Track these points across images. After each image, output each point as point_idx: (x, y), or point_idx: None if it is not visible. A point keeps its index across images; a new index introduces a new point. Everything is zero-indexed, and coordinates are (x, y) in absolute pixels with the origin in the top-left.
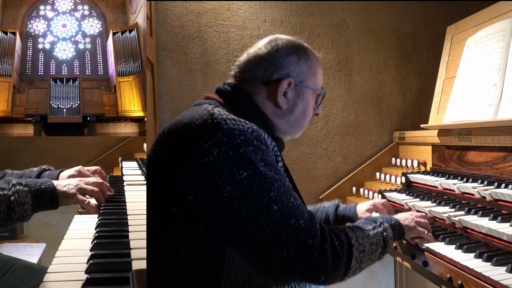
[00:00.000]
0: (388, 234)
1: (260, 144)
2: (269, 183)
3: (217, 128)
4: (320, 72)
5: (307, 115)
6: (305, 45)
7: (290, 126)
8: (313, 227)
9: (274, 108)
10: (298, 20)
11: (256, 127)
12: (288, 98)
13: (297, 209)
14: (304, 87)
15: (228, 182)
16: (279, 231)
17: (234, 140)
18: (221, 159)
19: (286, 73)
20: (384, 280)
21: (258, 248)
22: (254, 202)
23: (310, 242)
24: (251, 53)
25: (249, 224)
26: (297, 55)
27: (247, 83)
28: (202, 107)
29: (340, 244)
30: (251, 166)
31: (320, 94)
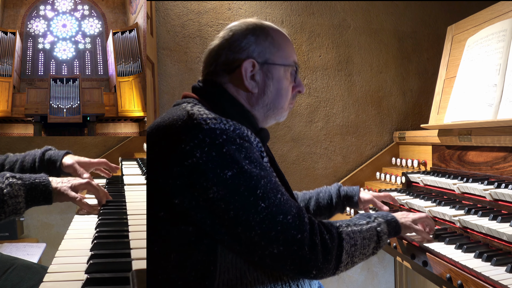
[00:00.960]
0: (383, 229)
1: (243, 141)
2: (255, 180)
3: (198, 129)
4: (288, 46)
5: (283, 94)
6: (264, 23)
7: (268, 109)
8: (302, 222)
9: (246, 95)
10: (299, 20)
11: (238, 125)
12: (257, 80)
13: (285, 205)
14: (271, 64)
15: (213, 183)
16: (267, 228)
17: (216, 140)
18: (204, 160)
19: (247, 55)
20: (384, 280)
21: (248, 246)
22: (240, 201)
23: (299, 237)
24: (211, 45)
25: (238, 223)
26: (254, 34)
27: (213, 75)
28: (181, 107)
29: (330, 238)
30: (235, 165)
31: (293, 68)
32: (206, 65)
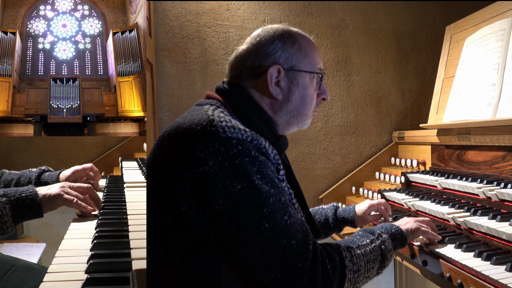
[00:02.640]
0: (387, 247)
1: (259, 154)
2: (264, 197)
3: (215, 137)
4: (315, 53)
5: (308, 101)
6: (291, 29)
7: (292, 116)
8: (306, 249)
9: (270, 101)
10: (297, 20)
11: (256, 135)
12: (282, 86)
13: (290, 228)
14: (297, 71)
15: (220, 195)
16: (268, 251)
17: (230, 150)
18: (216, 169)
19: (273, 61)
20: (384, 280)
21: (246, 265)
22: (244, 218)
23: (300, 265)
24: (239, 50)
25: (238, 241)
26: (281, 40)
27: (239, 78)
28: (203, 109)
29: (332, 267)
30: (246, 178)
31: (319, 75)
32: (231, 68)
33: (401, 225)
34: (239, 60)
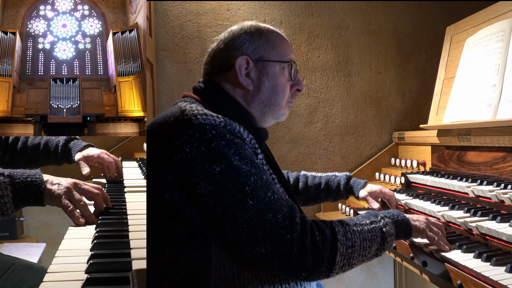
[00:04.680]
0: (388, 231)
1: (234, 137)
2: (244, 177)
3: (188, 124)
4: (283, 44)
5: (279, 90)
6: (261, 24)
7: (264, 106)
8: (292, 221)
9: (243, 92)
10: (298, 21)
11: (229, 121)
12: (252, 77)
13: (275, 204)
14: (265, 61)
15: (201, 178)
16: (255, 226)
17: (205, 135)
18: (193, 155)
19: (241, 53)
20: (384, 280)
21: (237, 244)
22: (228, 198)
23: (288, 237)
24: (210, 47)
25: (225, 220)
26: (248, 33)
27: (212, 75)
28: (176, 105)
29: (322, 239)
30: (224, 160)
31: (289, 65)
32: (205, 66)
33: (410, 218)
34: (211, 57)
